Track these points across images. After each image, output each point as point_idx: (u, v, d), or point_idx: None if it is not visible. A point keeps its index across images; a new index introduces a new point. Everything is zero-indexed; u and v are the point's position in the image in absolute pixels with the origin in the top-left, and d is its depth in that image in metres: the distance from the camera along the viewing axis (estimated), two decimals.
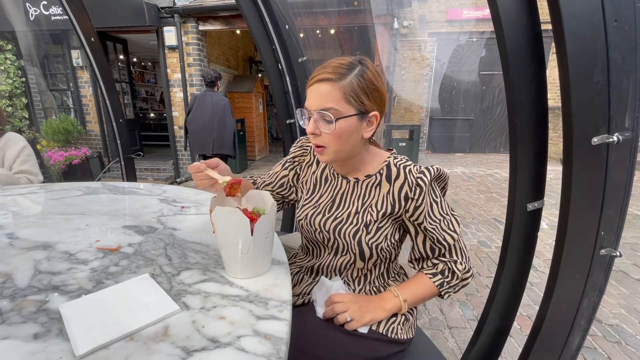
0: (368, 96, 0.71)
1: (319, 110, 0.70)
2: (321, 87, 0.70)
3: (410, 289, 0.78)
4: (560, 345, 0.77)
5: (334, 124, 0.69)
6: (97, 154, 5.69)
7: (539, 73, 0.70)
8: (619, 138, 0.58)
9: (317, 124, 0.72)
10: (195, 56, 5.30)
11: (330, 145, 0.73)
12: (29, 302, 0.57)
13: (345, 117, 0.70)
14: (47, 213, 1.01)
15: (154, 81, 9.37)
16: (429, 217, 0.75)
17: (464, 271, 0.78)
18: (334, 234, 0.79)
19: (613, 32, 0.55)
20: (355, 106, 0.70)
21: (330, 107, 0.69)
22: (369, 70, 0.71)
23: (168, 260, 0.72)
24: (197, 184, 0.79)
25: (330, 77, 0.69)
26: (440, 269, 0.78)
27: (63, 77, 5.91)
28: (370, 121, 0.74)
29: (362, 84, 0.70)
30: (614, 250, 0.68)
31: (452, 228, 0.77)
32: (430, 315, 1.88)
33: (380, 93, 0.73)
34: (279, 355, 0.46)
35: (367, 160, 0.81)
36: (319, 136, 0.73)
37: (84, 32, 1.93)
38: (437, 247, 0.77)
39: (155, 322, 0.52)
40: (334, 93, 0.69)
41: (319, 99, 0.70)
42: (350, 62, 0.71)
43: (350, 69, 0.70)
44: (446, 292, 0.78)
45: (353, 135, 0.73)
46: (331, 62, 0.72)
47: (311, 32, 5.45)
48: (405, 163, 0.78)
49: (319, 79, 0.70)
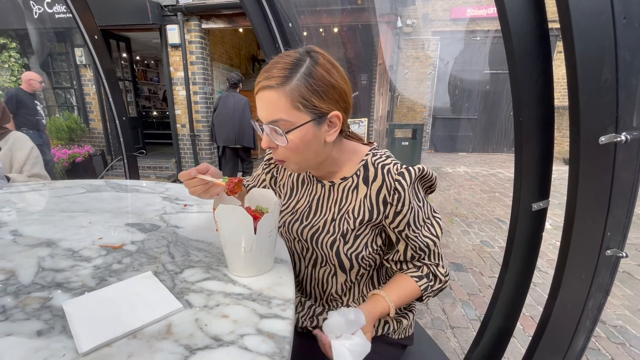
0: (322, 97, 0.61)
1: (268, 124, 0.63)
2: (266, 96, 0.61)
3: (397, 292, 0.71)
4: (565, 347, 0.76)
5: (284, 137, 0.62)
6: (100, 152, 5.72)
7: (545, 71, 0.69)
8: (627, 137, 0.57)
9: (271, 137, 0.65)
10: (198, 54, 5.31)
11: (288, 158, 0.67)
12: (32, 299, 0.57)
13: (297, 127, 0.61)
14: (50, 210, 1.01)
15: (157, 79, 9.39)
16: (412, 224, 0.68)
17: (445, 275, 0.74)
18: (311, 243, 0.73)
19: (622, 29, 0.54)
20: (307, 112, 0.61)
21: (278, 118, 0.61)
22: (319, 65, 0.61)
23: (171, 258, 0.72)
24: (191, 192, 0.74)
25: (272, 85, 0.60)
26: (425, 272, 0.73)
27: (66, 75, 5.94)
28: (331, 122, 0.65)
29: (311, 85, 0.60)
30: (620, 251, 0.67)
31: (434, 232, 0.71)
32: (432, 315, 1.87)
33: (337, 89, 0.63)
34: (282, 354, 0.46)
35: (342, 161, 0.73)
36: (276, 149, 0.67)
37: (88, 30, 1.93)
38: (418, 253, 0.72)
39: (158, 320, 0.52)
40: (279, 102, 0.60)
41: (265, 110, 0.62)
42: (295, 60, 0.61)
43: (295, 69, 0.60)
44: (427, 296, 0.74)
45: (312, 144, 0.64)
46: (274, 64, 0.62)
47: (314, 30, 5.44)
48: (384, 161, 0.69)
49: (261, 86, 0.62)
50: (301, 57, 0.62)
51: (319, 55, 0.63)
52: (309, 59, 0.62)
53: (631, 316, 1.83)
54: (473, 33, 6.73)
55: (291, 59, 0.61)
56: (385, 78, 5.15)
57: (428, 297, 0.75)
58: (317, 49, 0.65)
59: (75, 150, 5.18)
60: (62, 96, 6.05)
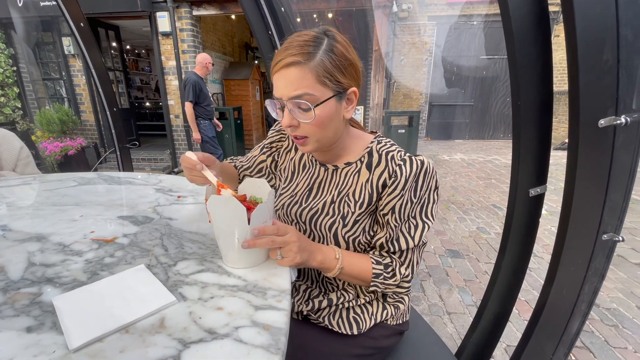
0: (343, 72, 0.63)
1: (293, 99, 0.62)
2: (289, 73, 0.61)
3: (351, 261, 0.69)
4: (561, 330, 0.77)
5: (312, 112, 0.62)
6: (93, 145, 5.64)
7: (544, 53, 0.67)
8: (627, 120, 0.56)
9: (293, 114, 0.64)
10: (190, 42, 5.19)
11: (312, 135, 0.66)
12: (22, 294, 0.55)
13: (323, 101, 0.62)
14: (40, 204, 0.99)
15: (148, 69, 9.21)
16: (397, 212, 0.67)
17: (404, 278, 0.70)
18: (310, 225, 0.73)
19: (624, 6, 0.52)
20: (331, 87, 0.62)
21: (304, 93, 0.61)
22: (338, 43, 0.63)
23: (164, 251, 0.71)
24: (190, 179, 0.74)
25: (298, 60, 0.60)
26: (386, 262, 0.70)
27: (55, 66, 5.79)
28: (349, 99, 0.67)
29: (334, 60, 0.61)
30: (617, 235, 0.67)
31: (412, 235, 0.69)
32: (429, 302, 1.89)
33: (355, 66, 0.65)
34: (277, 346, 0.45)
35: (349, 146, 0.74)
36: (298, 127, 0.66)
37: (73, 18, 1.87)
38: (388, 246, 0.69)
39: (151, 313, 0.51)
40: (305, 77, 0.60)
41: (289, 86, 0.62)
42: (315, 37, 0.62)
43: (318, 45, 0.61)
44: (374, 285, 0.70)
45: (334, 119, 0.66)
46: (293, 41, 0.62)
47: (308, 16, 5.32)
48: (388, 148, 0.70)
49: (284, 63, 0.61)
50: (319, 35, 0.63)
51: (335, 33, 0.65)
52: (327, 37, 0.63)
53: (625, 299, 1.86)
54: (470, 17, 6.63)
55: (310, 37, 0.62)
56: (381, 65, 5.09)
57: (375, 287, 0.71)
58: (332, 28, 0.66)
59: (68, 142, 5.09)
60: (52, 88, 5.92)
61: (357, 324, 0.75)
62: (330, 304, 0.75)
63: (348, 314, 0.76)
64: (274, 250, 0.63)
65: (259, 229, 0.60)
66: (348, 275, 0.70)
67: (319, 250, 0.68)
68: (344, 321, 0.75)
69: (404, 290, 0.73)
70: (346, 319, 0.75)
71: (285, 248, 0.62)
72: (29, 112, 5.86)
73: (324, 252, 0.68)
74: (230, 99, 6.55)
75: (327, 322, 0.75)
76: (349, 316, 0.76)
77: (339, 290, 0.77)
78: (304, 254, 0.63)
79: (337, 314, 0.76)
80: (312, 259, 0.65)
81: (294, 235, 0.63)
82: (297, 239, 0.63)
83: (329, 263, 0.67)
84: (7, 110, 5.47)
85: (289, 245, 0.62)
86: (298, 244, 0.62)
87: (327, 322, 0.75)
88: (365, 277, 0.70)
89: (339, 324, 0.75)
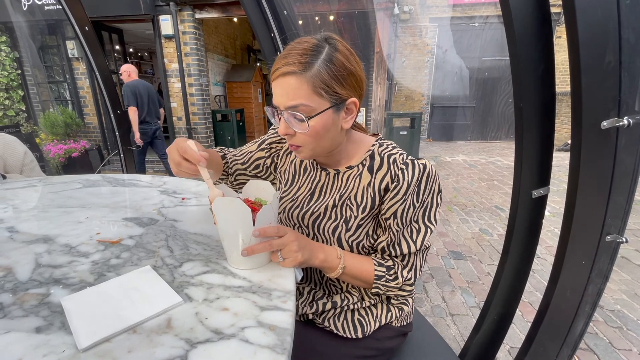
0: (342, 83, 0.61)
1: (288, 109, 0.62)
2: (286, 82, 0.60)
3: (353, 261, 0.69)
4: (564, 332, 0.77)
5: (306, 123, 0.61)
6: (97, 147, 5.67)
7: (547, 54, 0.68)
8: (630, 122, 0.57)
9: (289, 123, 0.63)
10: (192, 45, 5.22)
11: (307, 144, 0.66)
12: (30, 295, 0.56)
13: (318, 113, 0.61)
14: (46, 206, 1.00)
15: (151, 72, 9.27)
16: (399, 217, 0.67)
17: (406, 280, 0.70)
18: (313, 229, 0.73)
19: (626, 9, 0.52)
20: (328, 98, 0.61)
21: (300, 103, 0.60)
22: (339, 52, 0.61)
23: (170, 252, 0.71)
24: (176, 172, 0.69)
25: (295, 70, 0.59)
26: (388, 264, 0.71)
27: (59, 69, 5.84)
28: (348, 109, 0.65)
29: (332, 71, 0.60)
30: (620, 237, 0.67)
31: (414, 239, 0.68)
32: (432, 303, 1.89)
33: (355, 76, 0.63)
34: (283, 346, 0.46)
35: (350, 150, 0.73)
36: (294, 136, 0.66)
37: (78, 21, 1.89)
38: (390, 250, 0.70)
39: (158, 314, 0.51)
40: (301, 87, 0.59)
41: (285, 95, 0.61)
42: (315, 45, 0.61)
43: (316, 55, 0.60)
44: (376, 287, 0.70)
45: (330, 130, 0.64)
46: (293, 49, 0.61)
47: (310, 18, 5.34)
48: (390, 151, 0.70)
49: (281, 72, 0.60)
50: (320, 43, 0.62)
51: (337, 41, 0.63)
52: (328, 45, 0.62)
53: (629, 300, 1.85)
54: (472, 19, 6.63)
55: (310, 45, 0.61)
56: (383, 67, 5.10)
57: (377, 289, 0.71)
58: (334, 35, 0.64)
59: (71, 145, 5.13)
60: (56, 90, 5.97)
61: (362, 326, 0.75)
62: (334, 306, 0.75)
63: (352, 316, 0.76)
64: (275, 254, 0.64)
65: (259, 230, 0.60)
66: (350, 276, 0.70)
67: (321, 248, 0.68)
68: (349, 324, 0.75)
69: (406, 293, 0.73)
70: (350, 321, 0.76)
71: (284, 249, 0.62)
72: (33, 115, 5.91)
73: (326, 250, 0.68)
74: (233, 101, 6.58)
75: (331, 324, 0.75)
76: (353, 318, 0.76)
77: (342, 293, 0.77)
78: (305, 252, 0.64)
79: (341, 317, 0.76)
80: (314, 257, 0.66)
81: (291, 235, 0.63)
82: (295, 238, 0.63)
83: (331, 262, 0.68)
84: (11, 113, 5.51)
85: (288, 245, 0.62)
86: (297, 243, 0.62)
87: (331, 325, 0.75)
88: (367, 279, 0.70)
89: (344, 327, 0.75)
